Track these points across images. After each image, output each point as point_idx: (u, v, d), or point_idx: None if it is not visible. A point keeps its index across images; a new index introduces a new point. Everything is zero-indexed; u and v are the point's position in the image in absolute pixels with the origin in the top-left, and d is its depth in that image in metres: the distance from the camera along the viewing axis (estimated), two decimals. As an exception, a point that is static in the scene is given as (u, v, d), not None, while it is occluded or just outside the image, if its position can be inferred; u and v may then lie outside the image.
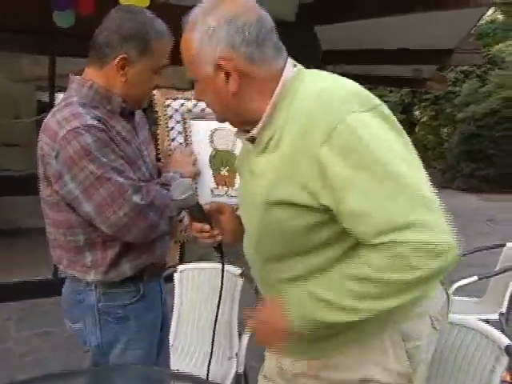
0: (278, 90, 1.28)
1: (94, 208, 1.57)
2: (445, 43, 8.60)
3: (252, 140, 1.36)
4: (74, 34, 4.56)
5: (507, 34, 18.43)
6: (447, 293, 1.42)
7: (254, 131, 1.33)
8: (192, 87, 2.01)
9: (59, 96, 5.37)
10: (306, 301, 1.23)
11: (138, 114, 1.84)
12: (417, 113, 19.53)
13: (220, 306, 2.74)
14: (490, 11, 16.53)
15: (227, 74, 1.28)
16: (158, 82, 1.73)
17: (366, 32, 7.08)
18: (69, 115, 1.58)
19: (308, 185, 1.19)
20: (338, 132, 1.15)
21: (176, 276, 2.74)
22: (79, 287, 1.71)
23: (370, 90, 1.28)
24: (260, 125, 1.31)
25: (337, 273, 1.20)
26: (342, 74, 1.34)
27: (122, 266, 1.68)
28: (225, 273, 2.65)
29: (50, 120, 1.63)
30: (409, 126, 17.88)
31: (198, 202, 1.52)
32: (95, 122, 1.58)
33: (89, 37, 1.69)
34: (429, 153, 17.83)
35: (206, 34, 1.26)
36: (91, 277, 1.67)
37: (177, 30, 1.66)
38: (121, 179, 1.57)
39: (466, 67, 16.17)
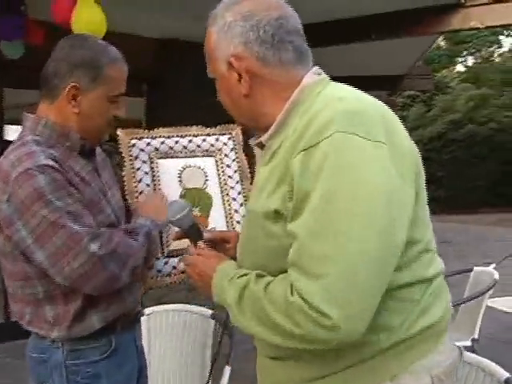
0: (293, 96, 1.17)
1: (46, 258, 1.43)
2: (397, 69, 8.82)
3: (262, 147, 1.26)
4: (23, 65, 4.40)
5: (451, 60, 19.12)
6: (460, 348, 1.25)
7: (263, 137, 1.22)
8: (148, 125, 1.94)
9: (9, 128, 5.14)
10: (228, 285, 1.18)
11: (100, 154, 1.72)
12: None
13: (190, 350, 2.66)
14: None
15: (239, 75, 1.19)
16: (116, 113, 1.60)
17: (321, 59, 7.11)
18: (22, 155, 1.45)
19: (282, 193, 1.10)
20: (319, 147, 1.04)
21: (143, 320, 2.56)
22: (44, 345, 1.54)
23: None
24: (270, 131, 1.20)
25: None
26: None
27: (88, 320, 1.52)
28: (195, 315, 2.58)
29: (3, 161, 1.49)
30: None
31: (195, 223, 1.42)
32: (50, 162, 1.45)
33: (39, 68, 1.58)
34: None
35: (223, 29, 1.19)
36: (55, 333, 1.51)
37: (131, 60, 1.63)
38: (76, 226, 1.42)
39: (412, 92, 16.63)
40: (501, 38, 17.07)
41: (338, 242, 1.00)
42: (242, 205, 1.83)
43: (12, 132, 5.68)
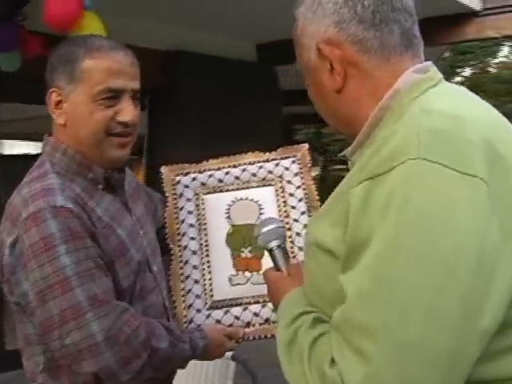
0: (384, 98, 0.91)
1: (39, 323, 1.20)
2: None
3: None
4: (19, 77, 4.17)
5: (453, 70, 19.00)
6: None
7: (348, 150, 0.97)
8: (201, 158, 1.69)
9: (5, 142, 4.90)
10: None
11: (130, 183, 1.45)
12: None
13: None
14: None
15: (331, 64, 0.94)
16: (115, 117, 1.28)
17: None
18: (38, 190, 1.21)
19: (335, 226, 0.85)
20: (387, 177, 0.77)
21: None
22: None
23: (321, 127, 0.91)
24: (354, 143, 0.95)
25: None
26: (297, 115, 0.98)
27: None
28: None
29: (15, 196, 1.25)
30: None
31: (284, 246, 1.21)
32: (68, 204, 1.19)
33: (36, 81, 1.40)
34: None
35: (311, 9, 0.97)
36: None
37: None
38: (82, 296, 1.17)
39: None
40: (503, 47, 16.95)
41: (395, 316, 0.73)
42: None
43: (8, 146, 5.44)
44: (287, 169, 1.61)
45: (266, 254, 1.51)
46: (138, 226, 1.40)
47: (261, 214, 1.56)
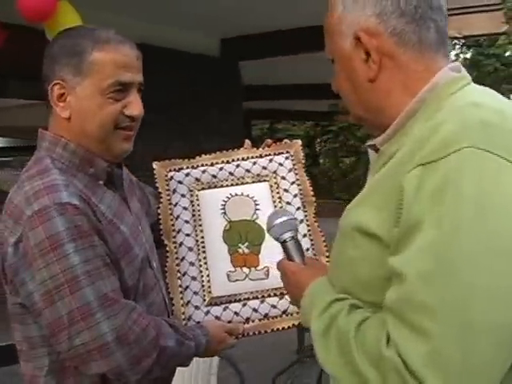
0: (420, 93, 0.94)
1: (45, 326, 1.16)
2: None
3: (377, 150, 1.02)
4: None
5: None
6: None
7: (379, 139, 0.99)
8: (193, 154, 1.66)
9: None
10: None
11: (126, 179, 1.41)
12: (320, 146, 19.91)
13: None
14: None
15: (367, 53, 0.96)
16: (124, 111, 1.25)
17: (285, 68, 7.02)
18: (40, 187, 1.15)
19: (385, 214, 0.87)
20: (442, 163, 0.81)
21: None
22: None
23: (275, 123, 0.91)
24: (386, 133, 0.97)
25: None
26: (256, 110, 0.99)
27: None
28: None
29: (15, 193, 1.19)
30: (313, 158, 18.15)
31: (296, 238, 1.19)
32: (74, 200, 1.15)
33: (9, 74, 1.30)
34: (334, 184, 18.13)
35: None
36: None
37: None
38: (91, 295, 1.13)
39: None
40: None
41: (459, 296, 0.77)
42: (304, 236, 1.53)
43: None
44: (281, 164, 1.61)
45: (263, 249, 1.53)
46: (137, 222, 1.38)
47: (257, 209, 1.56)
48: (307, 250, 1.50)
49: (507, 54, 12.28)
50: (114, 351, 1.15)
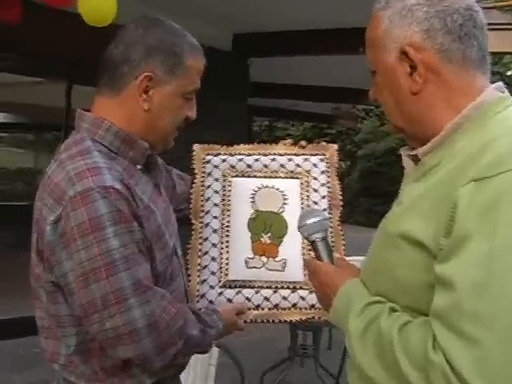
0: (466, 110, 0.98)
1: (78, 307, 1.17)
2: (363, 83, 8.80)
3: (414, 160, 1.06)
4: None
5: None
6: None
7: (421, 150, 1.02)
8: (231, 142, 1.71)
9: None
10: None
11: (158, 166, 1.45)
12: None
13: (191, 382, 2.42)
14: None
15: (412, 67, 0.99)
16: (188, 114, 1.33)
17: (293, 67, 7.03)
18: (83, 168, 1.16)
19: (433, 227, 0.91)
20: (494, 181, 0.86)
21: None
22: None
23: (274, 121, 0.93)
24: (430, 144, 1.00)
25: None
26: (258, 107, 1.02)
27: (138, 376, 1.25)
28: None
29: (55, 171, 1.19)
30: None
31: (326, 238, 1.22)
32: (117, 185, 1.16)
33: (10, 49, 1.29)
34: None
35: (400, 13, 1.01)
36: None
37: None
38: (127, 281, 1.14)
39: (366, 106, 16.83)
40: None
41: (507, 305, 0.81)
42: None
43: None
44: (315, 165, 1.65)
45: (284, 242, 1.56)
46: (168, 208, 1.39)
47: (284, 203, 1.60)
48: None
49: (508, 73, 12.39)
50: (143, 338, 1.16)
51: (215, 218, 1.58)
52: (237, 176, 1.62)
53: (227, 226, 1.57)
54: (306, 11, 5.16)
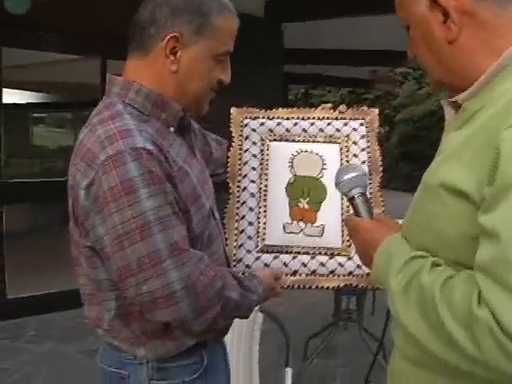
0: (509, 50, 0.92)
1: (114, 271, 1.16)
2: (400, 45, 8.57)
3: (455, 107, 1.01)
4: (26, 22, 4.04)
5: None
6: None
7: (461, 96, 0.98)
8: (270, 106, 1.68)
9: (7, 92, 4.77)
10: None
11: (192, 129, 1.43)
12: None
13: (235, 345, 2.44)
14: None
15: (445, 15, 0.94)
16: (221, 77, 1.30)
17: (327, 31, 6.89)
18: (114, 132, 1.15)
19: (478, 175, 0.87)
20: None
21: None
22: (124, 359, 1.28)
23: (311, 88, 0.87)
24: (471, 89, 0.96)
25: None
26: (294, 74, 0.95)
27: (179, 337, 1.26)
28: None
29: (87, 136, 1.19)
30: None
31: (365, 194, 1.20)
32: (148, 146, 1.15)
33: (43, 27, 1.28)
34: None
35: None
36: (141, 351, 1.25)
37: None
38: (162, 243, 1.13)
39: (404, 69, 16.42)
40: None
41: None
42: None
43: (10, 95, 5.28)
44: (355, 130, 1.61)
45: (323, 208, 1.54)
46: (204, 171, 1.39)
47: (323, 169, 1.57)
48: None
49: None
50: (180, 301, 1.15)
51: (253, 182, 1.56)
52: (275, 140, 1.60)
53: (265, 191, 1.55)
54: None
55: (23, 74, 6.74)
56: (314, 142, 1.60)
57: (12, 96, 5.80)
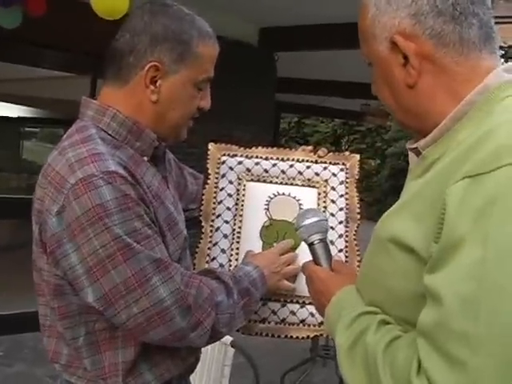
0: (469, 96, 0.86)
1: (100, 298, 1.09)
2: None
3: (418, 154, 0.96)
4: (18, 36, 4.02)
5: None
6: None
7: (421, 142, 0.92)
8: (251, 144, 1.62)
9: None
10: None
11: (166, 159, 1.38)
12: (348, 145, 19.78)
13: (205, 380, 2.36)
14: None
15: (406, 58, 0.89)
16: (201, 104, 1.26)
17: (319, 62, 6.94)
18: (85, 155, 1.11)
19: (424, 227, 0.81)
20: (490, 177, 0.73)
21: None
22: None
23: (303, 118, 0.84)
24: (429, 137, 0.90)
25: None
26: (286, 103, 0.92)
27: (142, 375, 1.18)
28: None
29: (56, 159, 1.14)
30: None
31: (325, 240, 1.17)
32: (120, 170, 1.11)
33: (35, 41, 1.24)
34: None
35: None
36: None
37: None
38: (145, 261, 1.09)
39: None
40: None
41: (503, 328, 0.70)
42: (340, 251, 1.48)
43: (2, 109, 5.23)
44: (334, 175, 1.56)
45: (297, 252, 1.47)
46: (177, 205, 1.33)
47: (296, 213, 1.52)
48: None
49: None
50: (175, 315, 1.12)
51: (226, 222, 1.50)
52: (252, 180, 1.54)
53: (238, 233, 1.50)
54: (334, 4, 5.06)
55: (13, 88, 6.73)
56: (291, 184, 1.54)
57: (5, 110, 5.78)
